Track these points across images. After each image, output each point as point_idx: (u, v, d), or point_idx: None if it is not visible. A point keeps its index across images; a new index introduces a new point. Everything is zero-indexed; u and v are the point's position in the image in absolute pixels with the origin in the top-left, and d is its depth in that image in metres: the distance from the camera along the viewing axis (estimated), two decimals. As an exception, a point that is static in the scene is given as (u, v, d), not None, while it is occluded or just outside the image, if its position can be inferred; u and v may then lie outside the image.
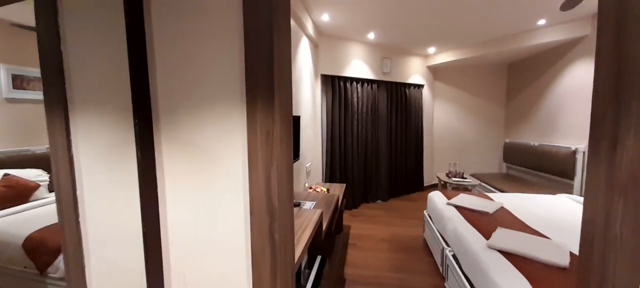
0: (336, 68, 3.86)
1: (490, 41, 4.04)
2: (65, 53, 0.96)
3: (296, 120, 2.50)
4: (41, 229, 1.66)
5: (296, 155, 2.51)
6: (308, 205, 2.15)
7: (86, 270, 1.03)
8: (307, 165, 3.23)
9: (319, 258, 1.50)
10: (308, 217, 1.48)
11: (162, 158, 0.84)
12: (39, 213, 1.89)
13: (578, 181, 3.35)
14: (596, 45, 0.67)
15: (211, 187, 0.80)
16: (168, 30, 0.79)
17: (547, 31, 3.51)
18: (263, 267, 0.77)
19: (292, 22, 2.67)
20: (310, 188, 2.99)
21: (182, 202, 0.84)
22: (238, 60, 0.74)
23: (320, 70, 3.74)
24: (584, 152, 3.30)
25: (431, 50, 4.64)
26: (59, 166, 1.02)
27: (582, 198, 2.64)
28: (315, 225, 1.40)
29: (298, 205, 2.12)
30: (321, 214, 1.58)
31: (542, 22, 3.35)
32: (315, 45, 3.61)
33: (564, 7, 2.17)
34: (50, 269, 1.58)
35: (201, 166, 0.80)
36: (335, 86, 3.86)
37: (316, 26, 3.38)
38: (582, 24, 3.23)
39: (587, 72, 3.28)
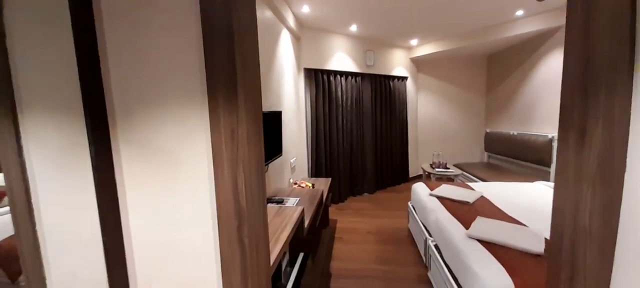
0: (319, 61, 3.80)
1: (471, 32, 4.09)
2: (11, 50, 0.87)
3: (278, 115, 2.45)
4: (11, 236, 1.55)
5: (278, 151, 2.46)
6: (291, 201, 2.12)
7: (47, 281, 0.96)
8: (291, 160, 3.19)
9: (301, 255, 1.48)
10: (289, 215, 1.45)
11: (120, 161, 0.78)
12: (7, 220, 1.77)
13: (554, 168, 3.47)
14: (565, 36, 0.66)
15: (176, 192, 0.75)
16: (120, 25, 0.73)
17: (524, 22, 3.58)
18: (233, 274, 0.73)
19: (271, 15, 2.59)
20: (295, 184, 2.95)
21: (146, 208, 0.79)
22: (197, 55, 0.69)
23: (303, 64, 3.68)
24: (559, 140, 3.42)
25: (414, 42, 4.65)
26: (10, 172, 0.93)
27: (557, 185, 2.74)
28: (296, 223, 1.38)
29: (281, 202, 2.08)
30: (302, 211, 1.55)
31: (520, 12, 3.41)
32: (297, 39, 3.53)
33: (540, -2, 2.21)
34: (21, 278, 1.48)
35: (163, 169, 0.75)
36: (319, 80, 3.81)
37: (297, 19, 3.30)
38: (557, 14, 3.31)
39: (561, 63, 3.38)
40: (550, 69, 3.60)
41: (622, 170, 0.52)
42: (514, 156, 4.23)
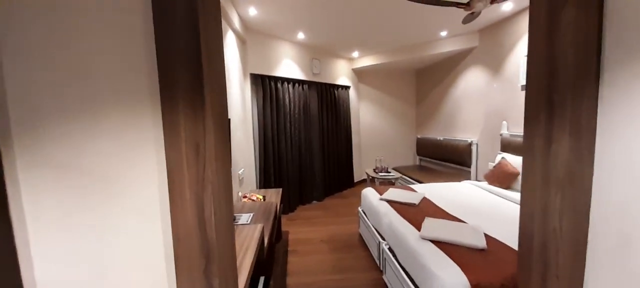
0: (266, 67, 3.65)
1: (403, 48, 4.52)
2: None
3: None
4: None
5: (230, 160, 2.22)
6: (244, 218, 1.92)
7: None
8: (239, 171, 2.94)
9: (262, 280, 1.32)
10: (248, 235, 1.28)
11: (18, 190, 0.54)
12: None
13: (474, 168, 4.04)
14: (528, 51, 0.72)
15: (111, 228, 0.56)
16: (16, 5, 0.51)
17: (447, 41, 4.12)
18: (198, 328, 0.57)
19: (215, 13, 2.36)
20: (245, 197, 2.72)
21: (60, 255, 0.56)
22: (144, 43, 0.52)
23: (250, 69, 3.47)
24: (477, 144, 4.00)
25: (355, 54, 4.90)
26: None
27: (481, 183, 3.16)
28: (258, 245, 1.22)
29: (233, 219, 1.87)
30: (262, 229, 1.40)
31: (444, 33, 3.91)
32: (242, 42, 3.32)
33: (465, 21, 2.55)
34: None
35: (92, 199, 0.55)
36: (266, 86, 3.65)
37: (243, 21, 3.11)
38: (472, 37, 3.91)
39: (477, 77, 3.99)
40: (468, 83, 4.21)
41: (590, 174, 0.58)
42: (441, 159, 4.79)
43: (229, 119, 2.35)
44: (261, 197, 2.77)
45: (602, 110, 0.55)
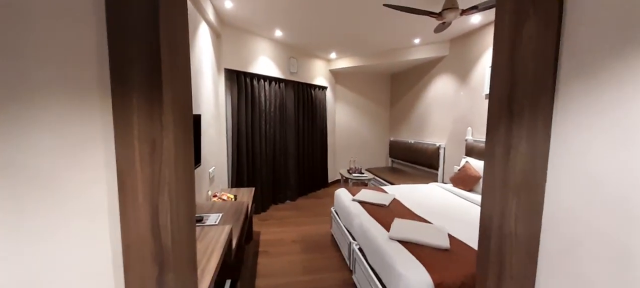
0: (242, 63, 3.54)
1: (379, 53, 4.63)
2: None
3: (196, 119, 2.11)
4: None
5: (197, 160, 2.11)
6: (213, 218, 1.84)
7: None
8: (210, 170, 2.81)
9: (228, 283, 1.27)
10: (214, 238, 1.22)
11: None
12: None
13: (441, 171, 4.24)
14: (492, 61, 0.75)
15: (51, 234, 0.49)
16: None
17: (420, 49, 4.28)
18: (149, 342, 0.52)
19: (189, 3, 2.24)
20: (215, 196, 2.61)
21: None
22: (95, 29, 0.47)
23: (224, 64, 3.35)
24: (444, 148, 4.20)
25: (333, 55, 4.92)
26: None
27: (446, 185, 3.32)
28: (224, 247, 1.17)
29: (200, 220, 1.78)
30: (231, 231, 1.35)
31: (417, 40, 4.06)
32: (217, 36, 3.19)
33: (437, 30, 2.67)
34: None
35: (28, 199, 0.48)
36: (241, 82, 3.53)
37: (218, 13, 2.98)
38: (443, 46, 4.10)
39: (446, 85, 4.19)
40: (438, 89, 4.41)
41: (543, 181, 0.61)
42: (412, 161, 4.97)
43: (199, 115, 2.24)
44: (232, 197, 2.68)
45: (556, 120, 0.59)
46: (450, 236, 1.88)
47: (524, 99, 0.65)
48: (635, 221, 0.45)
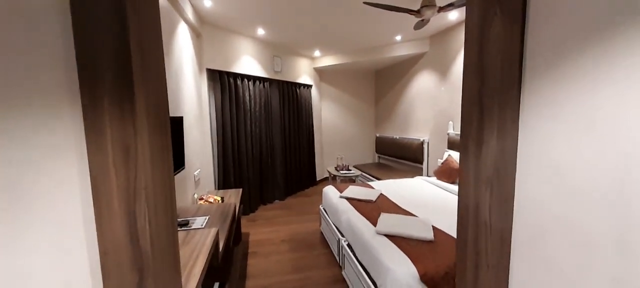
0: (224, 63, 3.48)
1: (362, 50, 4.67)
2: None
3: (178, 121, 2.06)
4: None
5: (180, 163, 2.07)
6: (199, 221, 1.81)
7: None
8: (195, 172, 2.76)
9: (216, 285, 1.26)
10: (200, 241, 1.20)
11: None
12: None
13: (425, 165, 4.35)
14: (464, 58, 0.78)
15: (19, 243, 0.47)
16: None
17: (401, 46, 4.36)
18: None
19: (165, 2, 2.18)
20: (201, 199, 2.57)
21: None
22: (61, 33, 0.45)
23: (206, 64, 3.28)
24: (428, 143, 4.31)
25: (317, 53, 4.92)
26: None
27: (431, 178, 3.41)
28: (211, 250, 1.16)
29: (185, 224, 1.74)
30: (217, 234, 1.33)
31: (398, 37, 4.12)
32: (197, 35, 3.12)
33: (416, 27, 2.72)
34: None
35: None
36: (224, 83, 3.48)
37: (197, 12, 2.92)
38: (423, 43, 4.19)
39: (427, 80, 4.29)
40: (420, 85, 4.50)
41: (513, 172, 0.65)
42: (397, 156, 5.06)
43: (181, 117, 2.19)
44: (219, 199, 2.64)
45: (523, 114, 0.62)
46: (434, 228, 1.94)
47: (494, 94, 0.68)
48: (596, 208, 0.49)
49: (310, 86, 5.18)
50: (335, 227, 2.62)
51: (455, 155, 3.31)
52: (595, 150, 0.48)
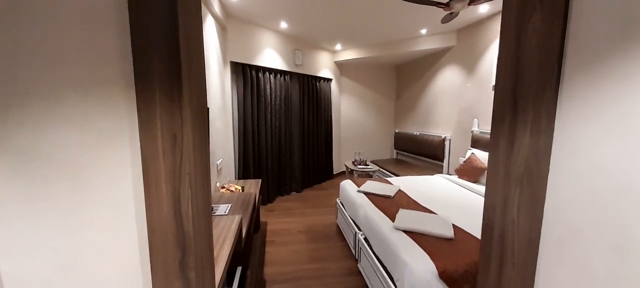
0: (247, 56, 3.56)
1: (384, 44, 4.59)
2: None
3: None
4: None
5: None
6: (222, 209, 1.90)
7: None
8: (217, 162, 2.87)
9: (239, 270, 1.33)
10: (226, 227, 1.27)
11: (-29, 180, 0.50)
12: None
13: (446, 163, 4.25)
14: (498, 55, 0.76)
15: (81, 223, 0.53)
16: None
17: (426, 39, 4.23)
18: (174, 319, 0.57)
19: (193, -5, 2.25)
20: (223, 188, 2.67)
21: (24, 247, 0.53)
22: (117, 28, 0.50)
23: (230, 57, 3.37)
24: (450, 140, 4.20)
25: (338, 47, 4.89)
26: None
27: (451, 176, 3.33)
28: (236, 236, 1.22)
29: (211, 210, 1.83)
30: (240, 220, 1.40)
31: (423, 31, 4.01)
32: (222, 28, 3.20)
33: (444, 21, 2.64)
34: None
35: (59, 191, 0.52)
36: (246, 75, 3.56)
37: (223, 6, 2.99)
38: (450, 37, 4.04)
39: (453, 76, 4.16)
40: (444, 80, 4.37)
41: (546, 173, 0.63)
42: (416, 153, 4.97)
43: (208, 108, 2.28)
44: (240, 188, 2.74)
45: (560, 114, 0.60)
46: (454, 226, 1.91)
47: (529, 93, 0.66)
48: (631, 212, 0.47)
49: (330, 80, 5.17)
50: (352, 220, 2.64)
51: (479, 154, 3.20)
52: (635, 153, 0.47)
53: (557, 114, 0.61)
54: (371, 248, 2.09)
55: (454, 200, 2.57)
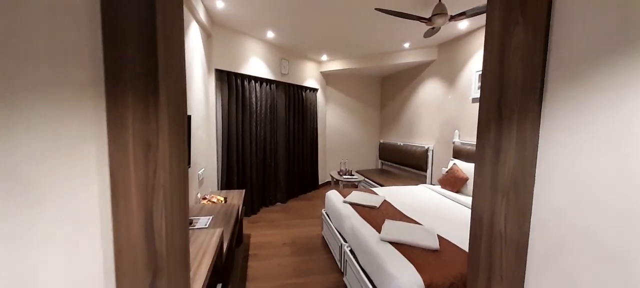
0: (233, 64, 3.51)
1: (370, 56, 4.69)
2: None
3: (187, 120, 2.07)
4: None
5: (188, 162, 2.07)
6: (203, 221, 1.81)
7: None
8: (199, 172, 2.76)
9: (219, 286, 1.25)
10: (206, 240, 1.20)
11: None
12: None
13: (429, 173, 4.32)
14: (483, 66, 0.77)
15: (32, 238, 0.47)
16: None
17: (409, 53, 4.36)
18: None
19: (176, 1, 2.20)
20: (204, 199, 2.56)
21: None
22: (88, 23, 0.45)
23: (215, 64, 3.30)
24: (433, 151, 4.29)
25: (324, 57, 4.94)
26: None
27: (435, 187, 3.38)
28: (216, 251, 1.15)
29: (190, 223, 1.74)
30: (221, 234, 1.33)
31: (407, 44, 4.13)
32: (208, 35, 3.14)
33: (426, 35, 2.72)
34: None
35: (10, 205, 0.46)
36: (231, 83, 3.49)
37: (209, 12, 2.94)
38: (432, 51, 4.19)
39: (434, 88, 4.29)
40: (427, 93, 4.50)
41: (532, 182, 0.64)
42: (400, 163, 5.04)
43: (190, 116, 2.20)
44: (222, 199, 2.64)
45: (544, 124, 0.61)
46: (439, 237, 1.92)
47: (514, 104, 0.67)
48: (619, 222, 0.48)
49: (316, 90, 5.19)
50: (338, 232, 2.60)
51: (461, 165, 3.28)
52: (619, 163, 0.47)
53: (542, 125, 0.61)
54: (357, 261, 2.06)
55: (438, 211, 2.60)
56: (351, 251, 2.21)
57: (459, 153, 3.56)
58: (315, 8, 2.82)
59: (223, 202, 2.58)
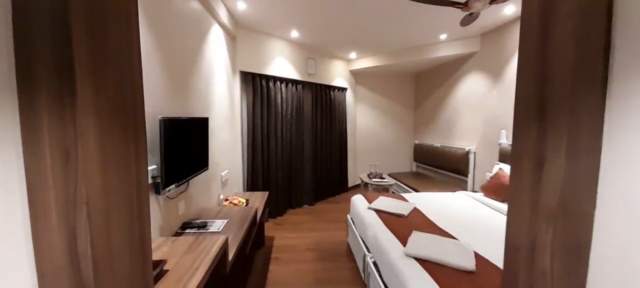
0: (258, 65, 3.53)
1: (402, 50, 4.39)
2: None
3: (202, 122, 2.09)
4: None
5: (203, 164, 2.09)
6: (217, 225, 1.79)
7: None
8: (222, 173, 2.81)
9: (221, 297, 1.19)
10: (206, 249, 1.15)
11: None
12: None
13: (471, 178, 3.89)
14: (518, 53, 0.58)
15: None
16: None
17: (447, 45, 3.98)
18: None
19: (199, 6, 2.24)
20: (226, 200, 2.59)
21: None
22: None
23: (239, 67, 3.35)
24: (475, 153, 3.86)
25: (353, 55, 4.77)
26: None
27: (476, 194, 2.99)
28: (215, 258, 1.09)
29: (203, 226, 1.73)
30: (225, 241, 1.27)
31: (443, 36, 3.77)
32: (232, 38, 3.20)
33: (464, 23, 2.42)
34: None
35: None
36: (256, 85, 3.52)
37: (232, 15, 2.99)
38: (473, 42, 3.77)
39: (477, 83, 3.85)
40: (468, 89, 4.07)
41: (591, 206, 0.44)
42: (437, 166, 4.64)
43: (207, 118, 2.22)
44: (244, 201, 2.64)
45: (609, 126, 0.41)
46: (477, 255, 1.65)
47: (562, 98, 0.47)
48: None
49: (345, 89, 5.03)
50: (362, 240, 2.43)
51: (508, 170, 2.87)
52: None
53: (605, 128, 0.42)
54: (380, 275, 1.87)
55: (478, 223, 2.28)
56: (374, 263, 2.03)
57: (506, 157, 3.14)
58: (340, 3, 2.69)
59: (245, 204, 2.58)
